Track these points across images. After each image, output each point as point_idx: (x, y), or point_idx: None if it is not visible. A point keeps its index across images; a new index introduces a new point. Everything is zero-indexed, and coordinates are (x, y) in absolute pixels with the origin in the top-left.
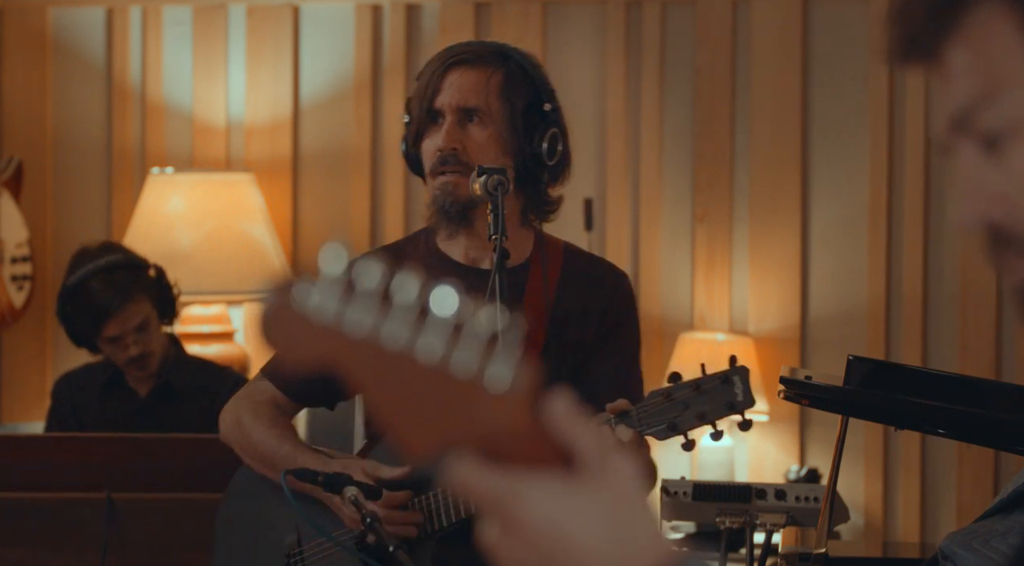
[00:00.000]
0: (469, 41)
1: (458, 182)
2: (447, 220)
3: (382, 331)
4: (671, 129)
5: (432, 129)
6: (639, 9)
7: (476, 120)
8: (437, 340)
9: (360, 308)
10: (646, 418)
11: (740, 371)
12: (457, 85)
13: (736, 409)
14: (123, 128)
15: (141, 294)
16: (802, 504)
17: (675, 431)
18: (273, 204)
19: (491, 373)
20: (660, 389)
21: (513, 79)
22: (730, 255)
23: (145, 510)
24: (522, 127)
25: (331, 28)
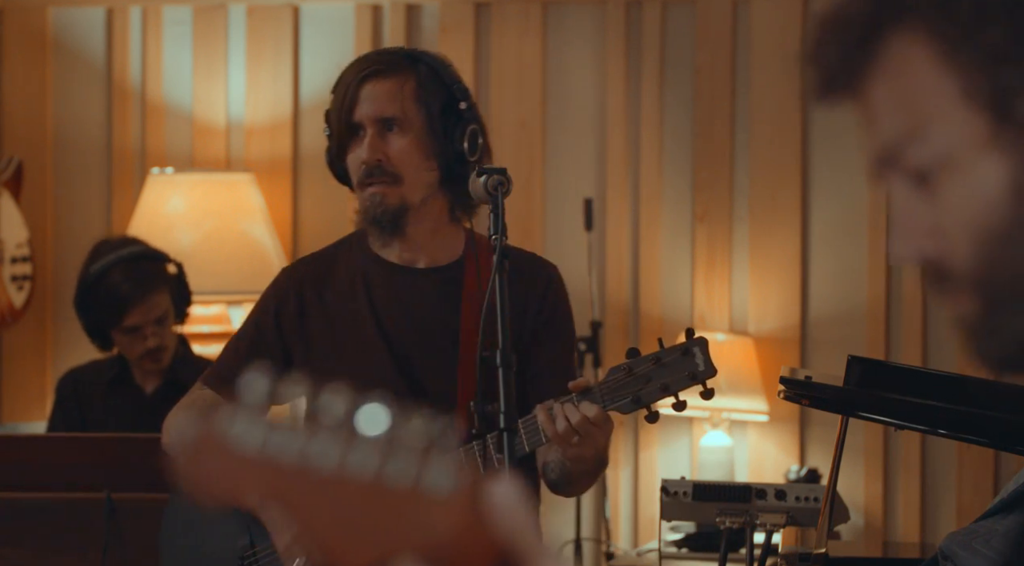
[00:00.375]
0: (379, 50)
1: (386, 192)
2: (380, 229)
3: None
4: (671, 129)
5: (354, 142)
6: (639, 9)
7: (396, 129)
8: (367, 455)
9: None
10: (610, 393)
11: (699, 342)
12: (373, 97)
13: (698, 378)
14: (123, 128)
15: (163, 286)
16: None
17: (639, 404)
18: (273, 204)
19: (429, 480)
20: (621, 365)
21: (426, 83)
22: (730, 255)
23: (145, 510)
24: (441, 129)
25: (331, 28)
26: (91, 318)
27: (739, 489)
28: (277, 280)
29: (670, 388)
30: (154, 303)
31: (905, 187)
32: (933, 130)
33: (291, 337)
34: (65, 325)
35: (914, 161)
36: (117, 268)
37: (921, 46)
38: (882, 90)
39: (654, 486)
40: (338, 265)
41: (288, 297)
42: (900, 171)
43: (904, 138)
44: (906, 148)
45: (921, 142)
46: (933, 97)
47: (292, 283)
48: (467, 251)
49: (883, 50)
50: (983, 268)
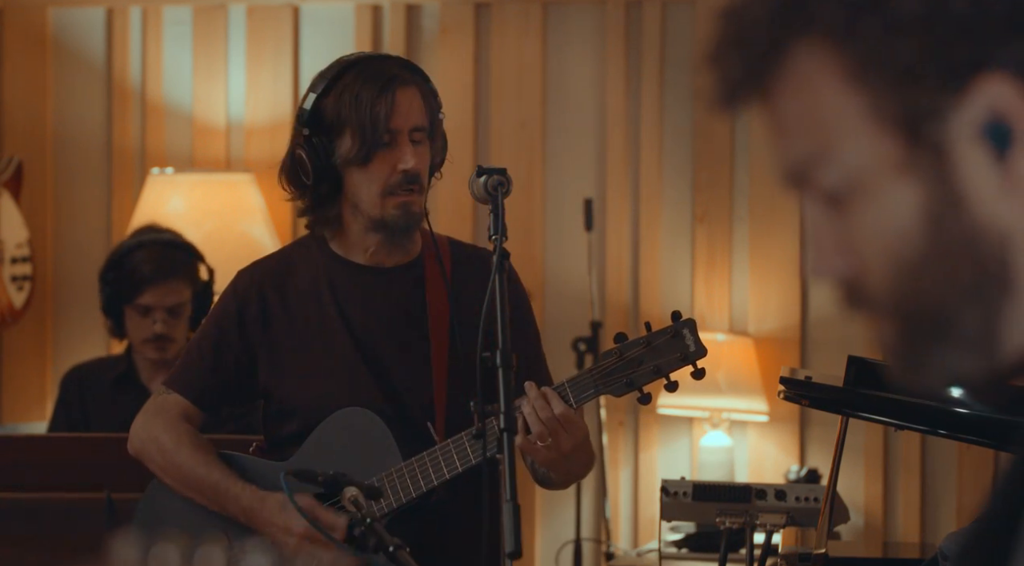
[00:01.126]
0: (382, 55)
1: (415, 201)
2: (395, 236)
3: None
4: (671, 129)
5: (382, 150)
6: (639, 9)
7: (420, 138)
8: None
9: None
10: (603, 378)
11: (688, 323)
12: (406, 106)
13: (689, 359)
14: (123, 128)
15: (185, 278)
16: (802, 504)
17: (632, 387)
18: (273, 204)
19: None
20: (611, 349)
21: (428, 94)
22: (730, 255)
23: None
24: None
25: (331, 28)
26: (110, 290)
27: (739, 489)
28: (236, 282)
29: (662, 369)
30: (171, 289)
31: (817, 205)
32: (841, 152)
33: (255, 339)
34: (65, 325)
35: (823, 183)
36: (147, 248)
37: (827, 62)
38: (788, 104)
39: (654, 486)
40: (297, 266)
41: (250, 299)
42: (811, 191)
43: (811, 158)
44: (814, 169)
45: (829, 164)
46: (840, 117)
47: (253, 285)
48: (425, 250)
49: (788, 63)
50: (898, 297)
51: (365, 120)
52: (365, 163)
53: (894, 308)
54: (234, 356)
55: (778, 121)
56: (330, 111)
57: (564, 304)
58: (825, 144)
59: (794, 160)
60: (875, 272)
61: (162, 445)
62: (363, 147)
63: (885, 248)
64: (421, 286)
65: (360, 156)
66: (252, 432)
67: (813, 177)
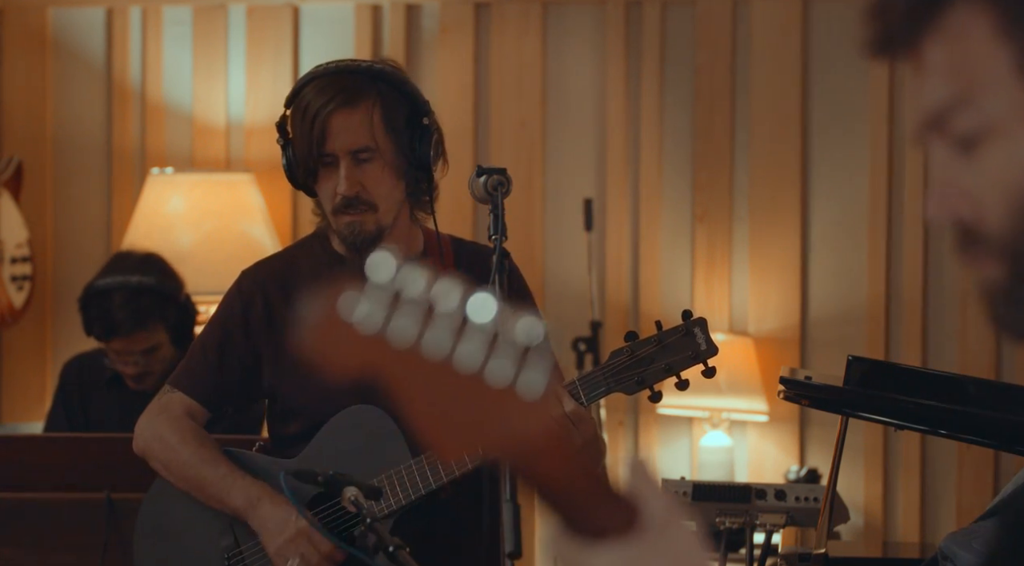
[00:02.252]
0: (339, 68)
1: (364, 220)
2: (358, 252)
3: (424, 340)
4: (671, 129)
5: (325, 170)
6: (639, 9)
7: (367, 157)
8: (475, 349)
9: (404, 317)
10: (614, 375)
11: (699, 322)
12: (344, 129)
13: (700, 358)
14: (123, 128)
15: (157, 322)
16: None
17: (643, 385)
18: (273, 204)
19: (524, 380)
20: (622, 348)
21: (390, 105)
22: (730, 255)
23: None
24: (408, 147)
25: (331, 28)
26: (85, 323)
27: (739, 489)
28: (240, 282)
29: (673, 368)
30: (141, 338)
31: (947, 151)
32: (982, 98)
33: (259, 338)
34: (65, 325)
35: (959, 126)
36: (118, 294)
37: (982, 15)
38: (938, 53)
39: None
40: (300, 266)
41: (254, 299)
42: (945, 135)
43: (953, 103)
44: (953, 113)
45: (969, 108)
46: (986, 66)
47: (256, 285)
48: (428, 248)
49: (947, 13)
50: (1014, 235)
51: (304, 143)
52: (312, 178)
53: (1008, 248)
54: (238, 356)
55: (926, 67)
56: (290, 126)
57: (564, 304)
58: (968, 90)
59: (935, 105)
60: (994, 213)
61: (166, 442)
62: (304, 167)
63: (1009, 189)
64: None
65: (299, 169)
66: (243, 431)
67: (950, 121)
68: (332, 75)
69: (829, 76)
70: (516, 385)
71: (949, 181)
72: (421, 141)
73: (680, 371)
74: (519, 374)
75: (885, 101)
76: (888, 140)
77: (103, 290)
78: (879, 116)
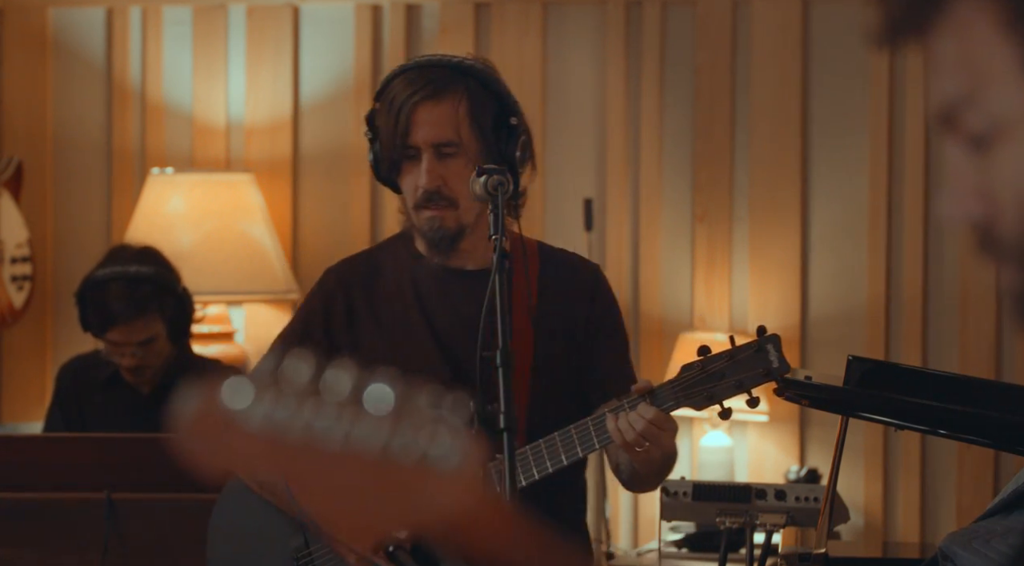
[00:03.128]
0: (428, 60)
1: (444, 215)
2: (438, 249)
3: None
4: (671, 129)
5: (408, 163)
6: (639, 9)
7: (451, 152)
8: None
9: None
10: (684, 390)
11: (772, 339)
12: (428, 121)
13: (772, 375)
14: (123, 128)
15: (155, 313)
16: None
17: (713, 400)
18: (273, 204)
19: (435, 455)
20: (693, 362)
21: (477, 100)
22: (730, 255)
23: (145, 510)
24: (494, 144)
25: (331, 28)
26: (82, 316)
27: (739, 489)
28: (323, 281)
29: (744, 384)
30: (139, 327)
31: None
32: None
33: (340, 338)
34: (65, 325)
35: (969, 125)
36: (116, 283)
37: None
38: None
39: None
40: (384, 266)
41: (336, 298)
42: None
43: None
44: (962, 110)
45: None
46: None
47: (339, 284)
48: (513, 254)
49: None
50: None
51: (388, 135)
52: (395, 172)
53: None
54: (316, 354)
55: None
56: (377, 119)
57: None
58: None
59: (944, 101)
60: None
61: None
62: (389, 161)
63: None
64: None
65: (387, 164)
66: None
67: (960, 119)
68: (421, 68)
69: (829, 76)
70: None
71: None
72: (508, 141)
73: (751, 388)
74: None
75: (885, 101)
76: (888, 140)
77: (100, 280)
78: (879, 116)
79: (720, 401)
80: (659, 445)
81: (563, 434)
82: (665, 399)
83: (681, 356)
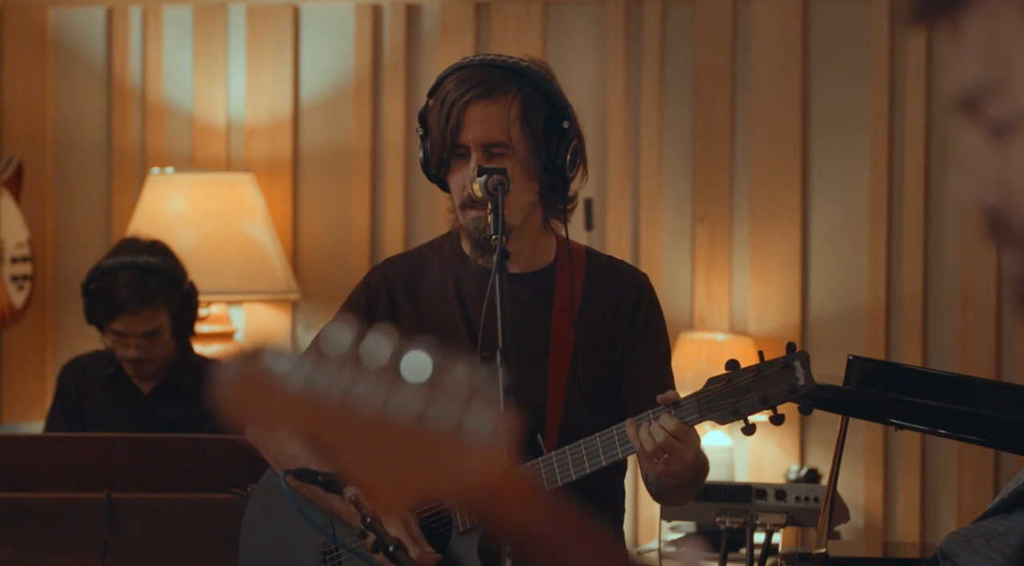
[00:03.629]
0: (482, 60)
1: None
2: (482, 250)
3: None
4: (671, 129)
5: (457, 162)
6: (639, 9)
7: (501, 153)
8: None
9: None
10: (708, 403)
11: (800, 356)
12: (479, 121)
13: (797, 393)
14: (123, 128)
15: (162, 305)
16: (802, 504)
17: (737, 415)
18: (273, 204)
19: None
20: (720, 376)
21: (530, 102)
22: (730, 255)
23: (145, 510)
24: (544, 148)
25: (331, 28)
26: (88, 307)
27: (739, 489)
28: (369, 277)
29: (768, 400)
30: (144, 318)
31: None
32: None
33: None
34: (65, 325)
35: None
36: (125, 273)
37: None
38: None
39: None
40: (430, 266)
41: (380, 295)
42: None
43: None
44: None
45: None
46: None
47: (385, 281)
48: (559, 258)
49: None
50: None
51: (438, 133)
52: (444, 170)
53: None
54: None
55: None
56: (429, 116)
57: None
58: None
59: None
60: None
61: (276, 436)
62: (438, 159)
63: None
64: (548, 295)
65: (436, 161)
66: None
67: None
68: (475, 67)
69: (829, 76)
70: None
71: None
72: (559, 144)
73: (776, 404)
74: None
75: (885, 101)
76: (888, 140)
77: (109, 269)
78: (879, 116)
79: (744, 416)
80: (678, 458)
81: (588, 442)
82: (689, 412)
83: (681, 356)
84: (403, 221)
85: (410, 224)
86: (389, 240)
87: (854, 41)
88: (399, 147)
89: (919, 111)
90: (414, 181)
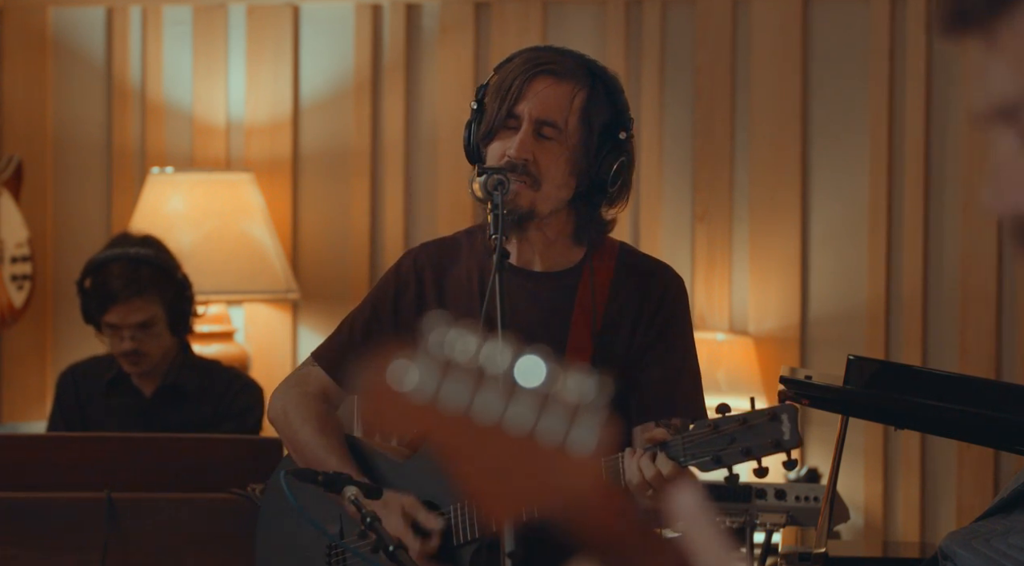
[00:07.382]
0: (560, 48)
1: (521, 191)
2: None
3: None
4: (671, 129)
5: (504, 133)
6: (639, 9)
7: (551, 135)
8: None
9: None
10: (692, 448)
11: (788, 409)
12: (542, 96)
13: (782, 447)
14: (123, 128)
15: (154, 294)
16: (802, 504)
17: (719, 464)
18: (273, 204)
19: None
20: (707, 420)
21: (596, 100)
22: (730, 255)
23: (145, 510)
24: (595, 150)
25: (331, 28)
26: (83, 303)
27: (739, 489)
28: (401, 263)
29: (752, 452)
30: (137, 307)
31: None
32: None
33: (407, 323)
34: (65, 325)
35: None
36: (117, 264)
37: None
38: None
39: None
40: (461, 254)
41: (409, 282)
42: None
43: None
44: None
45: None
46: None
47: (415, 268)
48: (584, 262)
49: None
50: None
51: (496, 99)
52: (488, 141)
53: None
54: (383, 338)
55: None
56: (486, 91)
57: None
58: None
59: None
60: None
61: (290, 420)
62: (484, 121)
63: None
64: (572, 294)
65: (484, 131)
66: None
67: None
68: (552, 51)
69: (829, 76)
70: (566, 444)
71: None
72: (609, 153)
73: (760, 457)
74: (569, 432)
75: (885, 101)
76: (888, 140)
77: (102, 261)
78: (879, 116)
79: (728, 466)
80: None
81: None
82: (676, 454)
83: None
84: (403, 221)
85: (410, 224)
86: (389, 240)
87: (854, 41)
88: (399, 147)
89: (919, 111)
90: (414, 181)
